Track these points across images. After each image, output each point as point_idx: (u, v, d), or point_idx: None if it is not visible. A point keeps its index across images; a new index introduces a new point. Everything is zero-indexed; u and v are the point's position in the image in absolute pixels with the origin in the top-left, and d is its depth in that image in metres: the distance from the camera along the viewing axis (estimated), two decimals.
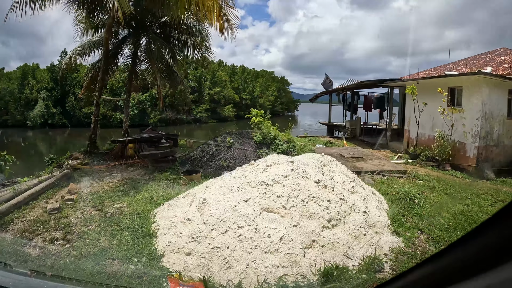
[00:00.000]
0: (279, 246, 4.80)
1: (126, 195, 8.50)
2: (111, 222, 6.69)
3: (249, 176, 6.21)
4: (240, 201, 5.53)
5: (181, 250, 5.04)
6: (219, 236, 5.04)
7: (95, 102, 14.02)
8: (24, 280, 2.39)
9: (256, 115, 15.52)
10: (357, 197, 6.52)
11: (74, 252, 5.61)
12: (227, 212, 5.34)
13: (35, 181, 9.66)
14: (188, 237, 5.21)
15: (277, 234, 4.93)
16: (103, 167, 11.67)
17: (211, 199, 5.79)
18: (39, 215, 7.45)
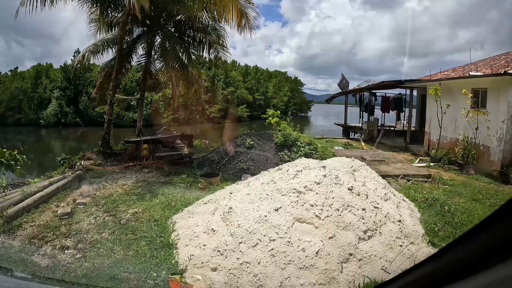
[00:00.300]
0: (315, 261, 4.31)
1: (142, 199, 8.03)
2: (126, 230, 6.21)
3: (279, 183, 5.70)
4: (270, 210, 5.03)
5: (205, 265, 4.52)
6: (249, 250, 4.53)
7: (109, 101, 13.69)
8: (25, 285, 2.38)
9: (273, 115, 15.10)
10: (390, 204, 6.02)
11: (86, 263, 5.17)
12: (257, 223, 4.83)
13: (46, 182, 9.28)
14: (213, 250, 4.70)
15: (313, 247, 4.43)
16: (116, 168, 11.29)
17: (238, 207, 5.27)
18: (49, 219, 7.04)
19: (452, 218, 6.78)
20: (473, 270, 1.04)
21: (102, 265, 5.03)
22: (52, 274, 5.23)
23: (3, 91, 54.26)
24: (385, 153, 14.43)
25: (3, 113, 53.33)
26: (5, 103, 53.94)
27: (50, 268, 5.04)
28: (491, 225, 1.01)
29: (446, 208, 7.22)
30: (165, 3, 13.15)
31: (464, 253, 1.10)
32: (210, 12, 15.36)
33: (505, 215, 1.00)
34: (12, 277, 2.73)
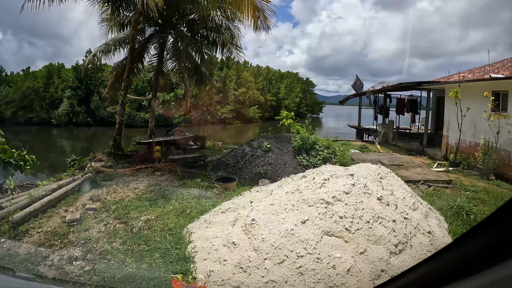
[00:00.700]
0: (346, 279, 3.92)
1: (155, 205, 7.64)
2: (139, 240, 5.83)
3: (305, 192, 5.28)
4: (297, 223, 4.62)
5: (226, 283, 4.11)
6: (275, 267, 4.13)
7: (120, 101, 13.47)
8: (27, 285, 2.39)
9: (286, 117, 14.82)
10: (419, 215, 5.61)
11: (96, 277, 4.85)
12: (283, 237, 4.42)
13: (54, 185, 9.00)
14: (234, 266, 4.29)
15: (343, 264, 4.04)
16: (128, 171, 11.01)
17: (262, 219, 4.86)
18: (57, 226, 6.73)
19: None
20: (473, 269, 1.03)
21: (113, 279, 4.67)
22: (54, 274, 5.05)
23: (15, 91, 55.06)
24: (403, 157, 14.10)
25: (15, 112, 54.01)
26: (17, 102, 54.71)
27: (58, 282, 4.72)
28: (491, 224, 1.01)
29: (472, 217, 6.90)
30: (178, 1, 12.91)
31: (464, 252, 1.11)
32: (224, 11, 15.13)
33: (504, 214, 0.99)
34: (14, 277, 2.71)
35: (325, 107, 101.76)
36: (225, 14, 15.70)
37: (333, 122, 68.45)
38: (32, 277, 2.90)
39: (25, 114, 54.73)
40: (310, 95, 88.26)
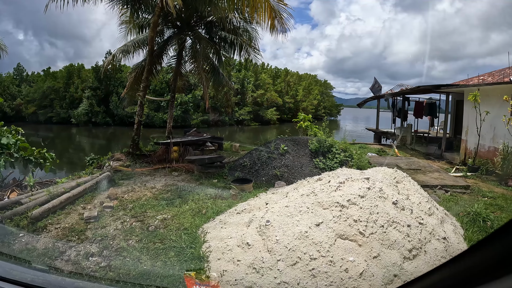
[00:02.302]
0: (358, 283, 3.91)
1: (171, 205, 7.74)
2: (154, 238, 5.93)
3: (320, 195, 5.29)
4: (311, 225, 4.63)
5: (239, 283, 4.15)
6: (287, 268, 4.15)
7: (139, 102, 13.64)
8: (42, 277, 2.36)
9: (304, 119, 14.83)
10: (434, 220, 5.55)
11: (111, 273, 4.94)
12: (297, 239, 4.44)
13: (73, 183, 9.21)
14: (248, 266, 4.33)
15: (356, 268, 4.04)
16: (145, 170, 11.17)
17: (276, 221, 4.89)
18: (75, 222, 6.90)
19: None
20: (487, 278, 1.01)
21: (128, 276, 4.76)
22: (71, 269, 5.15)
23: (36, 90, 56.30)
24: (420, 161, 13.93)
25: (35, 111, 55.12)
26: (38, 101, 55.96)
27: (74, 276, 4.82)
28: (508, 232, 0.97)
29: (488, 224, 6.79)
30: (196, 4, 12.89)
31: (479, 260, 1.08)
32: (242, 13, 15.25)
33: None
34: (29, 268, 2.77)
35: (343, 110, 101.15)
36: (243, 16, 15.86)
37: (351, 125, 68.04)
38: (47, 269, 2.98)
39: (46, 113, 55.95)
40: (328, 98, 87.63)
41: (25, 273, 2.25)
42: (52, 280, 2.35)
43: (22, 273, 2.24)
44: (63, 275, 3.86)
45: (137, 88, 16.79)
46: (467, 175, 11.92)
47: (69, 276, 3.92)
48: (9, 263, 2.77)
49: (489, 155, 12.69)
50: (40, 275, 2.40)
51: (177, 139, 13.20)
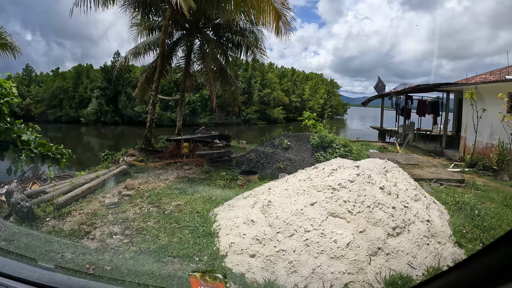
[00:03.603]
0: (345, 252, 4.64)
1: (184, 193, 8.53)
2: (170, 219, 6.70)
3: (315, 180, 6.05)
4: (306, 204, 5.39)
5: (244, 252, 4.95)
6: (285, 239, 4.92)
7: (151, 101, 14.33)
8: (48, 275, 2.34)
9: (309, 117, 15.44)
10: (420, 205, 6.24)
11: (133, 247, 5.65)
12: (294, 215, 5.21)
13: (93, 175, 9.98)
14: (252, 238, 5.12)
15: (344, 240, 4.77)
16: (158, 165, 11.91)
17: (277, 201, 5.67)
18: (97, 208, 7.63)
19: (481, 221, 6.85)
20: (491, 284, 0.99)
21: (148, 249, 5.50)
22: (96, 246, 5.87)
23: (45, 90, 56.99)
24: (420, 157, 14.34)
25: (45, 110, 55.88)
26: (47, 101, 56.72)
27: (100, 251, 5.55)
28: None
29: (476, 212, 7.31)
30: (204, 7, 13.47)
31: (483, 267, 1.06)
32: (248, 15, 15.82)
33: None
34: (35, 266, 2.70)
35: (350, 109, 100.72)
36: (249, 18, 16.42)
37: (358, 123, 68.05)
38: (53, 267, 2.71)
39: (55, 112, 56.78)
40: (334, 97, 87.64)
41: (31, 271, 2.28)
42: (58, 279, 2.36)
43: (28, 271, 2.26)
44: (69, 273, 3.75)
45: (148, 88, 17.56)
46: (464, 170, 12.39)
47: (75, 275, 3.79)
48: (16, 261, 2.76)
49: (487, 151, 13.12)
50: (46, 273, 2.37)
51: (187, 136, 13.93)
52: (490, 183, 10.72)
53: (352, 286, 4.26)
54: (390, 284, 4.32)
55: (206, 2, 13.03)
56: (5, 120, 8.88)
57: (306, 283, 4.29)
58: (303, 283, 4.31)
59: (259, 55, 17.81)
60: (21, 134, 9.55)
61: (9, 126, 9.03)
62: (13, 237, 6.08)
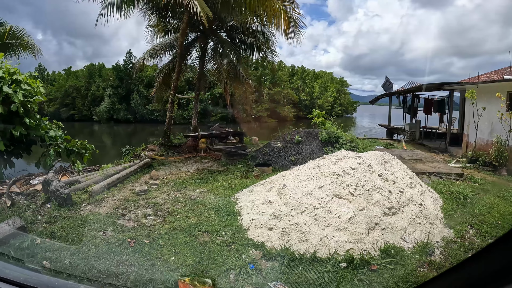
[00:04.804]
0: (347, 225, 5.58)
1: (205, 182, 9.52)
2: (196, 203, 7.66)
3: (322, 167, 7.03)
4: (315, 187, 6.37)
5: (264, 226, 5.94)
6: (298, 215, 5.90)
7: (170, 99, 15.26)
8: (35, 277, 2.42)
9: (318, 115, 16.29)
10: (414, 191, 7.13)
11: (167, 225, 6.52)
12: (304, 196, 6.20)
13: (120, 167, 10.92)
14: (270, 215, 6.10)
15: (346, 215, 5.71)
16: (178, 159, 12.86)
17: (290, 185, 6.66)
18: (128, 195, 8.53)
19: (472, 208, 7.51)
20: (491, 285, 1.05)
21: (180, 225, 6.44)
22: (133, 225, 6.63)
23: (58, 89, 57.62)
24: (424, 153, 14.84)
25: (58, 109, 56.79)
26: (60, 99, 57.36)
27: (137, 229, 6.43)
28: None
29: (468, 201, 7.97)
30: (219, 11, 14.21)
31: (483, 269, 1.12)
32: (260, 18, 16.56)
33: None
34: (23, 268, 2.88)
35: (360, 107, 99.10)
36: (261, 21, 17.18)
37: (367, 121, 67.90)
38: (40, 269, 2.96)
39: (68, 111, 57.48)
40: (344, 95, 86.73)
41: (18, 272, 2.31)
42: (45, 281, 2.40)
43: (15, 272, 2.28)
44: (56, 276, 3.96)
45: (165, 88, 18.55)
46: (465, 166, 12.92)
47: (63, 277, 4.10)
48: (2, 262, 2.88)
49: (487, 147, 13.57)
50: (33, 275, 2.45)
51: (204, 132, 14.91)
52: (488, 177, 11.19)
53: (353, 252, 5.16)
54: (384, 252, 5.23)
55: (222, 7, 13.82)
56: (34, 117, 9.78)
57: (315, 249, 5.24)
58: (313, 249, 5.26)
59: (271, 55, 18.65)
60: (48, 131, 10.43)
61: (38, 123, 9.85)
62: (55, 220, 6.81)
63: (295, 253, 5.22)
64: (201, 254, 5.26)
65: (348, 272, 4.70)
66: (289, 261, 5.03)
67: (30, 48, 17.15)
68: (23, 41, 16.83)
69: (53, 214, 7.08)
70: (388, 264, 4.92)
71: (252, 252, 5.31)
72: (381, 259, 5.06)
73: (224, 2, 13.45)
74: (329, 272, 4.68)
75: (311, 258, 5.06)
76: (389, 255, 5.16)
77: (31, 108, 9.52)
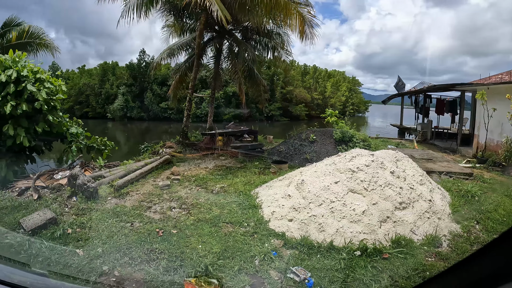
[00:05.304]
0: (361, 217, 6.04)
1: (225, 178, 10.01)
2: (218, 197, 8.17)
3: (338, 164, 7.50)
4: (331, 182, 6.83)
5: (284, 218, 6.43)
6: (315, 207, 6.37)
7: (188, 98, 15.76)
8: (42, 281, 2.42)
9: (331, 114, 16.70)
10: (424, 188, 7.52)
11: (192, 217, 6.99)
12: (322, 190, 6.67)
13: (142, 163, 11.40)
14: (289, 208, 6.59)
15: (360, 208, 6.16)
16: (196, 156, 13.37)
17: (308, 180, 7.13)
18: (151, 189, 8.99)
19: (479, 206, 7.83)
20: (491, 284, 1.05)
21: (205, 217, 6.91)
22: (159, 217, 7.05)
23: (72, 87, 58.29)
24: (435, 153, 14.97)
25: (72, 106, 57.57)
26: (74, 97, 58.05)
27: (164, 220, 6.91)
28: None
29: (476, 198, 8.28)
30: (235, 12, 14.57)
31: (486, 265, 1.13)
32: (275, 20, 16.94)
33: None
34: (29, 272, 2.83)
35: (372, 106, 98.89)
36: (276, 22, 17.61)
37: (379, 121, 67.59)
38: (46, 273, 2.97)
39: (81, 108, 58.22)
40: (356, 94, 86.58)
41: (25, 277, 2.31)
42: (52, 285, 2.44)
43: (21, 276, 2.28)
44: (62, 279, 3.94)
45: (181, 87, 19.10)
46: (475, 166, 13.01)
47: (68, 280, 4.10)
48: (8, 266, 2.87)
49: (497, 148, 13.75)
50: (39, 279, 2.45)
51: (221, 130, 15.43)
52: (497, 177, 11.35)
53: (366, 241, 5.61)
54: (395, 242, 5.66)
55: (238, 9, 14.26)
56: (57, 115, 10.29)
57: (331, 239, 5.70)
58: (330, 238, 5.73)
59: (285, 55, 19.10)
60: (70, 128, 10.90)
61: (60, 120, 10.38)
62: (83, 212, 7.24)
63: (314, 242, 5.69)
64: (226, 243, 5.71)
65: (362, 259, 5.15)
66: (308, 249, 5.51)
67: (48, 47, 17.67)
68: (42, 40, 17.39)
69: (80, 207, 7.48)
70: (398, 253, 5.33)
71: (274, 241, 5.78)
72: (392, 249, 5.48)
73: (241, 4, 13.85)
74: (344, 259, 5.13)
75: (328, 247, 5.53)
76: (399, 246, 5.57)
77: (54, 105, 10.02)
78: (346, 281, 4.63)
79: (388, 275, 4.76)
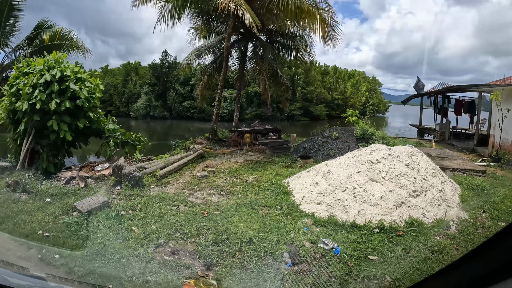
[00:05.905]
0: (379, 202, 7.03)
1: (256, 171, 11.04)
2: (253, 186, 9.20)
3: (359, 157, 8.53)
4: (354, 172, 7.87)
5: (312, 201, 7.50)
6: (340, 193, 7.42)
7: (217, 97, 16.77)
8: (40, 284, 2.44)
9: (352, 114, 17.53)
10: (436, 180, 8.40)
11: (231, 201, 7.97)
12: (345, 179, 7.72)
13: (178, 156, 12.36)
14: (317, 193, 7.65)
15: (379, 194, 7.17)
16: (225, 151, 14.42)
17: (333, 170, 8.20)
18: (190, 179, 9.96)
19: (487, 197, 8.53)
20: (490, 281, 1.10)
21: (242, 202, 7.92)
22: (201, 202, 7.83)
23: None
24: (451, 152, 15.62)
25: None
26: None
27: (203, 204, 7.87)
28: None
29: (485, 192, 8.98)
30: (262, 17, 15.31)
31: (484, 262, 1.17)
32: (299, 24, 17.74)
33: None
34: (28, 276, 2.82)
35: (392, 107, 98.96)
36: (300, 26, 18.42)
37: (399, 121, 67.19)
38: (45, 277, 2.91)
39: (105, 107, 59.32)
40: (376, 94, 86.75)
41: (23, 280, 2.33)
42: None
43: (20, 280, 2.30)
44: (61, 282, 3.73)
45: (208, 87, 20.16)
46: (490, 164, 13.52)
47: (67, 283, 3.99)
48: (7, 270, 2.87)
49: (511, 148, 14.37)
50: (38, 282, 2.47)
51: (248, 128, 16.47)
52: (509, 175, 11.78)
53: (383, 221, 6.57)
54: (408, 223, 6.60)
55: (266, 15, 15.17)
56: (97, 112, 11.26)
57: (354, 219, 6.72)
58: (352, 218, 6.74)
59: (308, 57, 20.01)
60: (107, 124, 11.81)
61: (99, 117, 11.40)
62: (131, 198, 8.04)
63: (339, 221, 6.72)
64: (264, 222, 6.70)
65: (380, 235, 6.12)
66: (334, 226, 6.54)
67: (80, 48, 18.74)
68: (74, 42, 18.50)
69: (127, 193, 8.32)
70: (411, 232, 6.25)
71: (305, 220, 6.81)
72: (405, 228, 6.41)
73: (268, 10, 14.76)
74: (365, 235, 6.12)
75: (351, 225, 6.53)
76: (412, 226, 6.48)
77: (93, 103, 10.87)
78: (367, 251, 5.59)
79: (402, 248, 5.70)
